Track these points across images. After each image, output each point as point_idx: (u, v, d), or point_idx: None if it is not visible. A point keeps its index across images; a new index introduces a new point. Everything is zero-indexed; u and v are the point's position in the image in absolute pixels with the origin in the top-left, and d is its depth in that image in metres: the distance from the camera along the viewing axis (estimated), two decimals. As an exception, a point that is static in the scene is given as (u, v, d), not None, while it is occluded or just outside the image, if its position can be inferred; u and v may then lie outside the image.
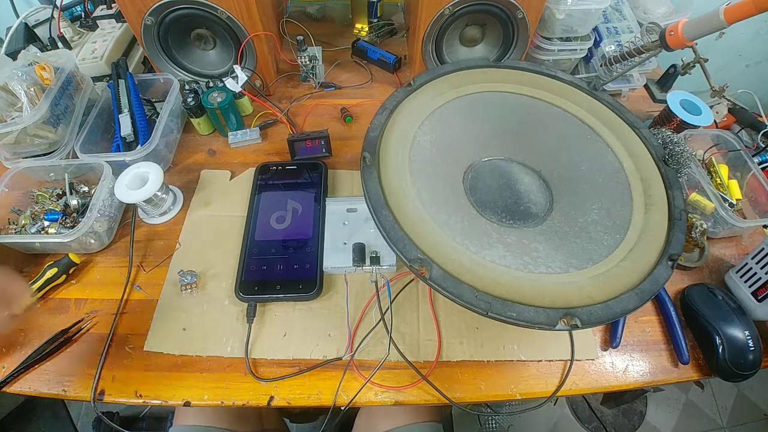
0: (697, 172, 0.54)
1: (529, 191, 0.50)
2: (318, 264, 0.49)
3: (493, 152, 0.53)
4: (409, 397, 0.43)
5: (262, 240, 0.51)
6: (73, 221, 0.52)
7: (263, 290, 0.47)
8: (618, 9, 0.71)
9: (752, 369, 0.43)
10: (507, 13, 0.61)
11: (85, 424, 0.99)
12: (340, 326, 0.46)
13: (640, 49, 0.54)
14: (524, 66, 0.57)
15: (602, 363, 0.46)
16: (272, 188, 0.56)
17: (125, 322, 0.47)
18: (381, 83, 0.74)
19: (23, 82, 0.51)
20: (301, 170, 0.58)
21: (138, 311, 0.47)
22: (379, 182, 0.41)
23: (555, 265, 0.40)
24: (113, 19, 0.69)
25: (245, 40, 0.61)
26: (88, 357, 0.44)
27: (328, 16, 0.88)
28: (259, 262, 0.49)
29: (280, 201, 0.55)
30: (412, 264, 0.35)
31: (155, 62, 0.64)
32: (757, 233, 0.57)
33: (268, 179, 0.57)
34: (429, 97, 0.51)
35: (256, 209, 0.54)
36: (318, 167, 0.58)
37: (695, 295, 0.49)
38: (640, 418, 1.12)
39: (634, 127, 0.51)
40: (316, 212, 0.53)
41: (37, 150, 0.54)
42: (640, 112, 0.72)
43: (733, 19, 0.42)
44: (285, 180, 0.57)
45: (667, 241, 0.41)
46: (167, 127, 0.58)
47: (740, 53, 1.02)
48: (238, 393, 0.42)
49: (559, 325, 0.33)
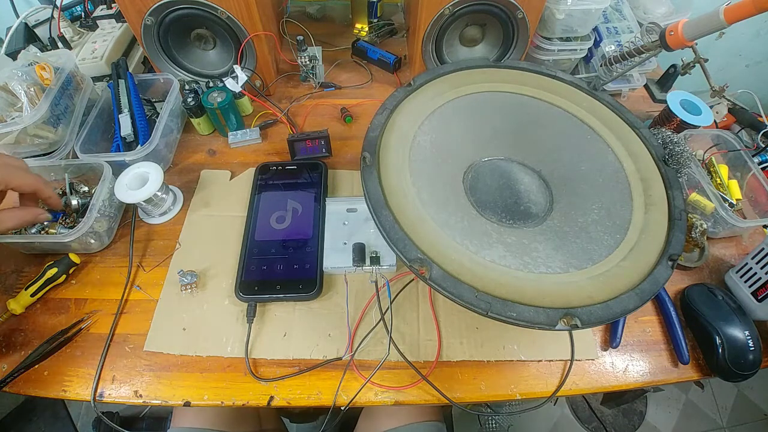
0: (697, 172, 0.54)
1: (529, 191, 0.50)
2: (318, 264, 0.49)
3: (493, 152, 0.53)
4: (409, 397, 0.43)
5: (262, 240, 0.51)
6: (73, 221, 0.52)
7: (263, 290, 0.47)
8: (618, 9, 0.71)
9: (752, 369, 0.43)
10: (507, 13, 0.61)
11: (85, 424, 0.99)
12: (340, 326, 0.46)
13: (640, 49, 0.54)
14: (524, 66, 0.57)
15: (602, 363, 0.46)
16: (272, 188, 0.56)
17: (125, 322, 0.47)
18: (381, 83, 0.74)
19: (23, 82, 0.51)
20: (301, 170, 0.58)
21: (138, 311, 0.47)
22: (379, 182, 0.41)
23: (555, 265, 0.40)
24: (113, 19, 0.69)
25: (245, 40, 0.61)
26: (88, 357, 0.44)
27: (328, 16, 0.88)
28: (259, 262, 0.49)
29: (280, 201, 0.55)
30: (412, 264, 0.35)
31: (155, 62, 0.64)
32: (757, 233, 0.57)
33: (268, 179, 0.57)
34: (429, 97, 0.51)
35: (256, 209, 0.54)
36: (318, 167, 0.58)
37: (695, 295, 0.49)
38: (640, 418, 1.12)
39: (634, 127, 0.51)
40: (316, 212, 0.53)
41: (37, 150, 0.54)
42: (640, 112, 0.72)
43: (733, 19, 0.42)
44: (285, 180, 0.57)
45: (667, 241, 0.41)
46: (167, 127, 0.58)
47: (740, 53, 1.02)
48: (238, 393, 0.42)
49: (559, 325, 0.33)
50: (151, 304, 0.48)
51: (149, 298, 0.48)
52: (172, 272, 0.50)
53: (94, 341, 0.45)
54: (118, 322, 0.47)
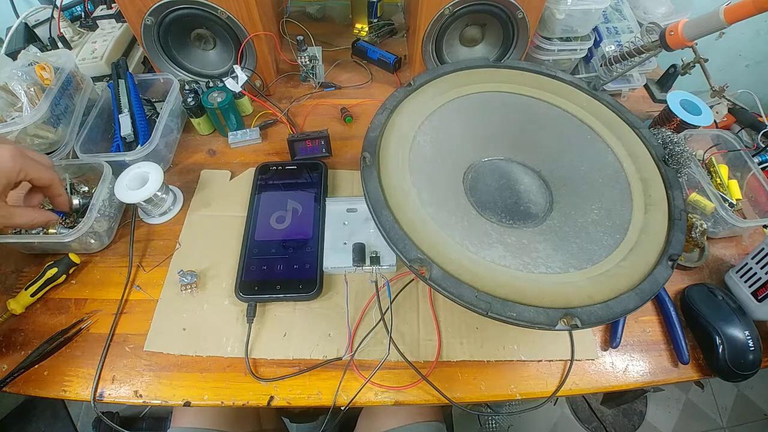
0: (697, 172, 0.53)
1: (528, 191, 0.50)
2: (318, 264, 0.49)
3: (493, 152, 0.53)
4: (409, 397, 0.43)
5: (262, 240, 0.51)
6: (73, 221, 0.52)
7: (263, 290, 0.47)
8: (618, 9, 0.71)
9: (752, 369, 0.43)
10: (507, 13, 0.61)
11: (85, 424, 0.99)
12: (340, 326, 0.46)
13: (640, 49, 0.54)
14: (524, 66, 0.56)
15: (602, 363, 0.46)
16: (272, 188, 0.56)
17: (125, 322, 0.47)
18: (381, 83, 0.74)
19: (23, 82, 0.51)
20: (301, 170, 0.58)
21: (138, 311, 0.47)
22: (379, 182, 0.41)
23: (555, 265, 0.40)
24: (113, 19, 0.69)
25: (245, 40, 0.61)
26: (88, 357, 0.44)
27: (328, 16, 0.88)
28: (259, 262, 0.49)
29: (280, 201, 0.55)
30: (412, 264, 0.35)
31: (155, 62, 0.64)
32: (757, 233, 0.57)
33: (268, 179, 0.57)
34: (429, 97, 0.50)
35: (256, 209, 0.54)
36: (318, 167, 0.58)
37: (695, 295, 0.49)
38: (640, 418, 1.12)
39: (634, 127, 0.51)
40: (316, 212, 0.53)
41: (37, 150, 0.54)
42: (640, 112, 0.72)
43: (733, 19, 0.42)
44: (285, 180, 0.57)
45: (667, 241, 0.41)
46: (167, 127, 0.58)
47: (740, 53, 1.02)
48: (238, 393, 0.42)
49: (559, 325, 0.33)
50: (151, 304, 0.48)
51: (149, 298, 0.48)
52: (172, 272, 0.50)
53: (94, 341, 0.45)
54: (118, 322, 0.47)
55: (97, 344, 0.45)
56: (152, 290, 0.49)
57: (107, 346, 0.45)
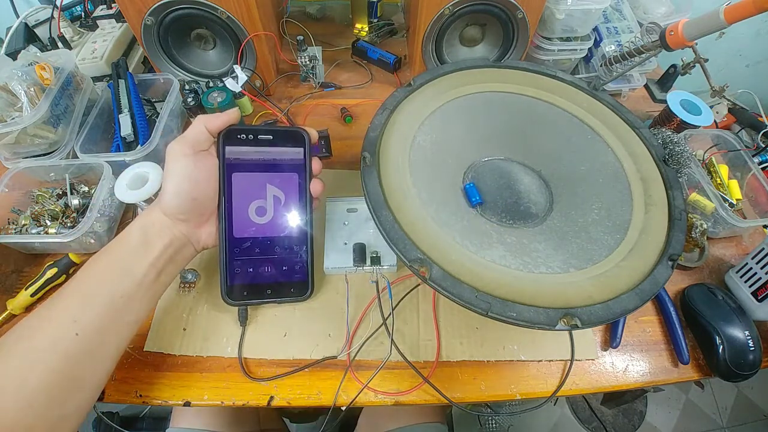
0: (697, 172, 0.54)
1: (529, 191, 0.50)
2: (309, 263, 0.44)
3: (493, 152, 0.53)
4: (409, 398, 0.43)
5: (242, 237, 0.43)
6: (73, 221, 0.52)
7: (253, 295, 0.43)
8: (618, 9, 0.71)
9: (752, 369, 0.43)
10: (507, 13, 0.61)
11: (85, 424, 0.99)
12: (341, 326, 0.46)
13: (640, 49, 0.54)
14: (524, 66, 0.57)
15: (602, 363, 0.46)
16: (245, 168, 0.43)
17: (125, 322, 0.47)
18: (381, 83, 0.74)
19: (23, 82, 0.51)
20: (277, 142, 0.44)
21: (138, 311, 0.47)
22: (379, 182, 0.41)
23: (555, 265, 0.40)
24: (113, 19, 0.69)
25: (245, 40, 0.61)
26: (88, 357, 0.44)
27: (328, 16, 0.88)
28: (244, 264, 0.43)
29: (258, 187, 0.43)
30: (412, 264, 0.35)
31: (155, 62, 0.64)
32: (757, 233, 0.57)
33: (238, 155, 0.43)
34: (429, 97, 0.50)
35: (229, 196, 0.42)
36: (299, 138, 0.44)
37: (695, 295, 0.49)
38: (640, 418, 1.12)
39: (634, 127, 0.51)
40: (301, 200, 0.44)
41: (37, 150, 0.54)
42: (640, 112, 0.72)
43: (733, 19, 0.42)
44: (260, 156, 0.44)
45: (667, 241, 0.41)
46: (167, 127, 0.58)
47: (740, 53, 1.02)
48: (238, 393, 0.42)
49: (559, 325, 0.33)
50: (151, 304, 0.48)
51: (149, 298, 0.48)
52: (172, 272, 0.50)
53: (94, 341, 0.45)
54: (118, 322, 0.46)
55: (97, 344, 0.45)
56: (152, 290, 0.49)
57: (107, 346, 0.45)
